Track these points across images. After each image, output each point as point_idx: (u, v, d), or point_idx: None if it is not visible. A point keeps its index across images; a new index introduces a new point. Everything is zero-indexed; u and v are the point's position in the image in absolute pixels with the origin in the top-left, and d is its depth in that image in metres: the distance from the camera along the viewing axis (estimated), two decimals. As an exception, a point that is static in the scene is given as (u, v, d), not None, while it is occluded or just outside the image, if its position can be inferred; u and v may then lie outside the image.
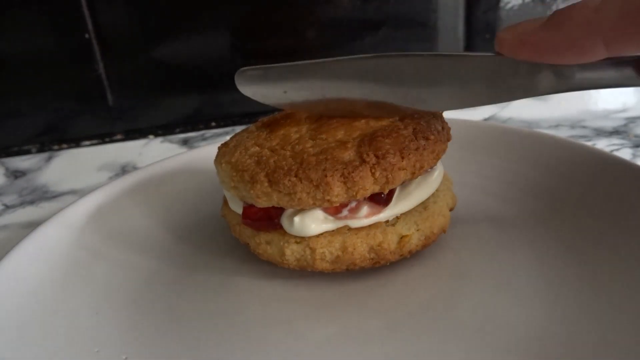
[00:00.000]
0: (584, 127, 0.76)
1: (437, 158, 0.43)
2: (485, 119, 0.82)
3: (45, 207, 0.68)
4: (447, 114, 0.69)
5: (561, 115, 0.81)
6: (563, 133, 0.74)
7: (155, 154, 0.81)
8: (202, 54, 0.85)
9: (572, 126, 0.77)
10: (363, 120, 0.44)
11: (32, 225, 0.62)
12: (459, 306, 0.42)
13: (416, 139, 0.41)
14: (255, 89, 0.46)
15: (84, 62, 0.81)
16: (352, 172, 0.39)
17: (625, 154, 0.67)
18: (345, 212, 0.42)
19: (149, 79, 0.86)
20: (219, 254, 0.50)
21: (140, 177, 0.61)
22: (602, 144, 0.70)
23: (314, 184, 0.39)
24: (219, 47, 0.85)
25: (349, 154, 0.40)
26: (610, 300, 0.41)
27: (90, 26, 0.79)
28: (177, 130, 0.88)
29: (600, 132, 0.74)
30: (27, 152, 0.86)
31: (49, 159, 0.84)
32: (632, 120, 0.77)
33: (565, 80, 0.36)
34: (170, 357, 0.39)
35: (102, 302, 0.45)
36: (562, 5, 0.86)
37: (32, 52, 0.80)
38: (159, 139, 0.87)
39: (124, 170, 0.77)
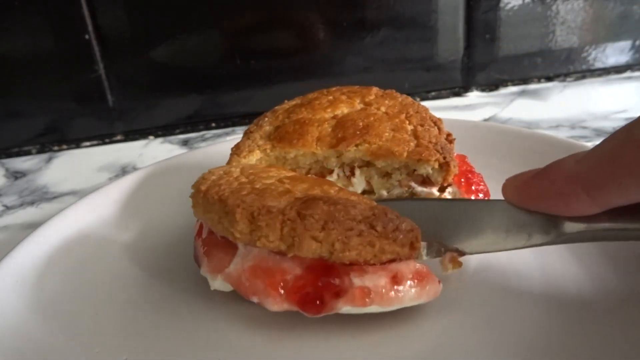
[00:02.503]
0: (584, 127, 0.76)
1: (378, 258, 0.37)
2: (485, 119, 0.82)
3: (45, 208, 0.68)
4: (448, 114, 0.69)
5: (561, 115, 0.81)
6: (563, 134, 0.74)
7: (155, 155, 0.81)
8: (202, 54, 0.85)
9: (572, 127, 0.77)
10: (337, 187, 0.42)
11: (32, 226, 0.62)
12: (460, 307, 0.42)
13: (358, 221, 0.37)
14: None
15: (84, 63, 0.81)
16: (262, 215, 0.37)
17: (626, 154, 0.67)
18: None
19: (149, 79, 0.86)
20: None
21: (141, 178, 0.61)
22: (602, 144, 0.70)
23: (225, 210, 0.38)
24: (219, 48, 0.85)
25: (279, 202, 0.38)
26: (610, 300, 0.41)
27: (90, 27, 0.79)
28: (177, 130, 0.88)
29: (601, 133, 0.74)
30: (27, 152, 0.86)
31: (49, 159, 0.84)
32: (632, 120, 0.77)
33: (557, 233, 0.38)
34: (170, 357, 0.40)
35: (102, 302, 0.45)
36: (561, 6, 0.86)
37: (32, 52, 0.80)
38: (159, 139, 0.87)
39: (124, 171, 0.77)
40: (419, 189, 0.50)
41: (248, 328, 0.42)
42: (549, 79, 0.93)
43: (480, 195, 0.49)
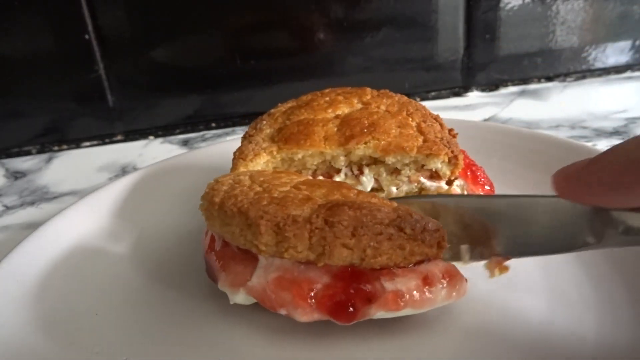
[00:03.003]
0: (584, 127, 0.76)
1: (408, 260, 0.37)
2: (486, 119, 0.82)
3: (45, 208, 0.68)
4: (448, 114, 0.69)
5: (561, 115, 0.81)
6: (563, 133, 0.74)
7: (155, 155, 0.81)
8: (202, 54, 0.85)
9: (572, 127, 0.77)
10: (356, 191, 0.41)
11: (33, 226, 0.62)
12: (458, 306, 0.42)
13: (386, 225, 0.36)
14: None
15: (84, 63, 0.81)
16: (288, 225, 0.36)
17: (626, 154, 0.67)
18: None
19: (149, 79, 0.86)
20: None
21: (141, 178, 0.61)
22: (603, 145, 0.70)
23: (247, 222, 0.37)
24: (219, 47, 0.85)
25: (302, 210, 0.37)
26: (610, 299, 0.41)
27: (90, 27, 0.79)
28: (177, 131, 0.88)
29: (601, 133, 0.74)
30: (28, 153, 0.86)
31: (49, 159, 0.84)
32: (632, 120, 0.77)
33: (615, 231, 0.33)
34: (170, 358, 0.40)
35: (102, 302, 0.45)
36: (561, 6, 0.86)
37: (32, 52, 0.80)
38: (159, 139, 0.87)
39: (124, 171, 0.77)
40: (428, 183, 0.50)
41: (247, 332, 0.42)
42: (549, 79, 0.93)
43: (487, 188, 0.49)
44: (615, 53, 0.93)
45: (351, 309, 0.36)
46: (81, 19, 0.79)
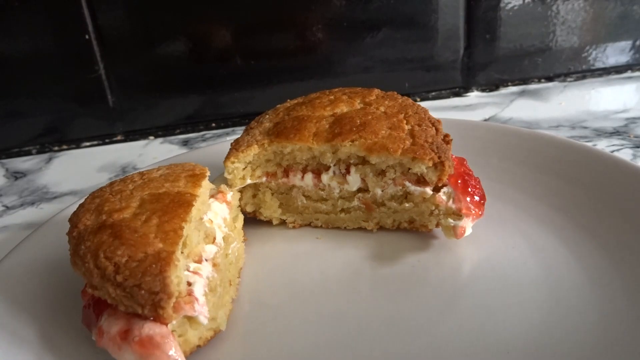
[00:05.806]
0: (584, 127, 0.76)
1: (119, 306, 0.37)
2: (486, 119, 0.82)
3: (45, 208, 0.68)
4: (448, 114, 0.69)
5: (562, 115, 0.81)
6: (563, 133, 0.74)
7: (155, 155, 0.81)
8: (202, 54, 0.85)
9: (573, 126, 0.77)
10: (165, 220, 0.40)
11: (32, 226, 0.62)
12: (459, 306, 0.42)
13: (114, 263, 0.37)
14: None
15: (84, 63, 0.81)
16: (71, 225, 0.41)
17: (626, 154, 0.67)
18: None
19: (149, 80, 0.85)
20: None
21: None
22: (603, 145, 0.70)
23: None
24: (219, 48, 0.85)
25: (90, 219, 0.41)
26: (609, 298, 0.41)
27: (90, 27, 0.79)
28: (177, 131, 0.88)
29: (601, 133, 0.74)
30: (28, 153, 0.86)
31: (49, 159, 0.84)
32: (633, 120, 0.77)
33: None
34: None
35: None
36: (562, 6, 0.86)
37: (33, 53, 0.80)
38: (159, 139, 0.87)
39: (124, 171, 0.77)
40: (413, 187, 0.50)
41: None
42: (549, 79, 0.93)
43: (476, 198, 0.49)
44: (616, 53, 0.93)
45: (88, 325, 0.40)
46: (81, 19, 0.79)
